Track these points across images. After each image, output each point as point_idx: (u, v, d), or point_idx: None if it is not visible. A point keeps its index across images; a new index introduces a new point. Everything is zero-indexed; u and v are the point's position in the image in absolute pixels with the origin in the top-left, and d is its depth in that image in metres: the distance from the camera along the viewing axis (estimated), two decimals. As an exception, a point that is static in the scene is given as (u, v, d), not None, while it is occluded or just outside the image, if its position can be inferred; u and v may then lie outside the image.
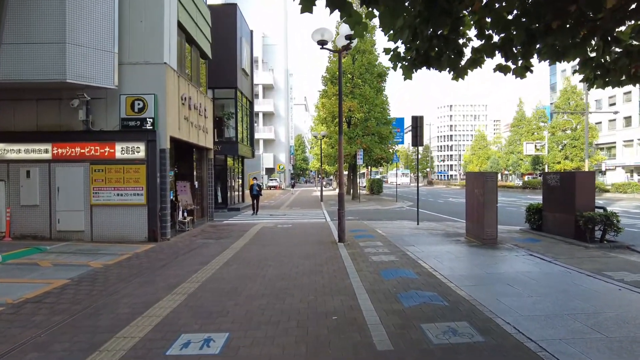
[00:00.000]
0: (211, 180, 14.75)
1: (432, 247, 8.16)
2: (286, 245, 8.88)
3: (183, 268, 6.82)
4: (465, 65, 4.76)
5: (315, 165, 58.47)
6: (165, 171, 10.02)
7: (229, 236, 10.69)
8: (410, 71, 4.93)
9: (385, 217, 16.06)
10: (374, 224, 12.94)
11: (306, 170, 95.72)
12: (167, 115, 10.01)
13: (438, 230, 10.72)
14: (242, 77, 22.08)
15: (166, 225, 10.03)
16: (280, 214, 18.25)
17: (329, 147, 27.26)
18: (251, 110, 24.72)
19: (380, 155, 24.83)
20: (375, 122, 24.92)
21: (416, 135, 12.21)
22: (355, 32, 3.60)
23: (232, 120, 21.12)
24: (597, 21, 3.56)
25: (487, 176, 8.13)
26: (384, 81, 26.19)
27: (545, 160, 54.66)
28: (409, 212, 18.66)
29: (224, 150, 20.58)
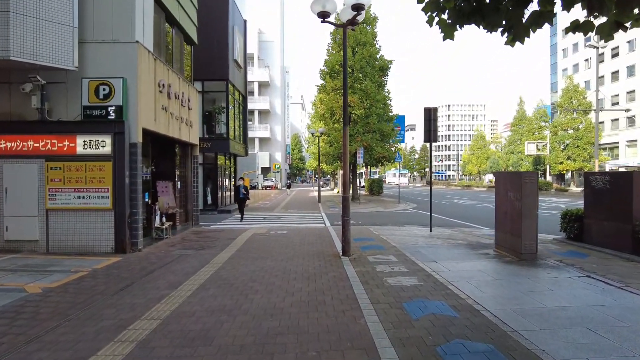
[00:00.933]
0: (196, 180, 13.17)
1: (458, 263, 6.65)
2: (279, 259, 7.34)
3: (145, 294, 5.26)
4: (528, 22, 3.26)
5: (313, 165, 56.91)
6: (136, 169, 8.45)
7: (213, 245, 9.13)
8: (452, 28, 3.46)
9: (391, 221, 14.56)
10: (381, 230, 11.42)
11: (303, 169, 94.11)
12: (139, 103, 8.43)
13: (457, 240, 9.21)
14: (235, 69, 20.51)
15: (137, 234, 8.45)
16: (275, 217, 16.69)
17: (328, 145, 25.71)
18: (244, 106, 23.14)
19: (382, 154, 23.34)
20: (377, 119, 23.42)
21: (430, 130, 10.71)
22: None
23: (223, 115, 19.54)
24: None
25: (526, 177, 6.63)
26: (385, 75, 24.69)
27: (547, 160, 53.45)
28: (415, 215, 17.17)
29: (214, 147, 19.00)
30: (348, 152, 7.35)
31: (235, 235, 10.69)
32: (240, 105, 22.36)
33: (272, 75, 61.60)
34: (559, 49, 68.39)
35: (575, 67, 63.18)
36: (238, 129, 22.00)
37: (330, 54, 24.51)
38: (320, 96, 24.97)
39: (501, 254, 7.25)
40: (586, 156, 49.52)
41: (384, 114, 23.81)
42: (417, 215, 17.21)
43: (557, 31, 69.39)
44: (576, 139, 50.13)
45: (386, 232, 10.97)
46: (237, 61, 20.61)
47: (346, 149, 7.73)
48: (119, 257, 7.75)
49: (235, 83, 20.53)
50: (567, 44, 66.11)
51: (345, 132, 7.71)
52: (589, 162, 49.04)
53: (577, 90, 51.35)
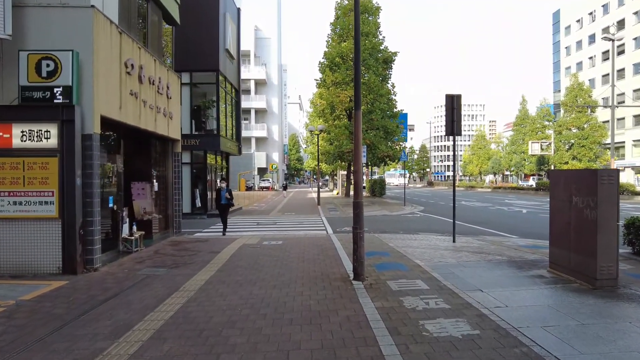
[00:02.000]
0: (179, 180, 11.41)
1: (512, 292, 4.93)
2: (271, 285, 5.60)
3: (70, 350, 3.51)
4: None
5: (311, 165, 55.16)
6: (92, 167, 6.69)
7: (190, 262, 7.37)
8: None
9: (401, 227, 12.83)
10: (393, 239, 9.70)
11: (300, 170, 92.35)
12: (96, 84, 6.68)
13: (492, 254, 7.48)
14: (226, 59, 18.76)
15: (93, 249, 6.69)
16: (270, 221, 14.93)
17: (327, 144, 23.99)
18: (238, 100, 21.39)
19: (386, 153, 21.64)
20: (380, 115, 21.73)
21: (453, 120, 8.99)
22: None
23: (214, 110, 17.77)
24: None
25: (603, 176, 4.91)
26: (389, 68, 23.03)
27: (551, 160, 51.95)
28: (425, 220, 15.44)
29: (203, 144, 17.24)
30: (361, 143, 5.60)
31: (220, 247, 8.93)
32: (233, 100, 20.60)
33: (269, 73, 59.88)
34: (562, 47, 66.96)
35: (579, 66, 61.74)
36: (230, 125, 20.24)
37: (330, 45, 22.82)
38: (320, 91, 23.28)
39: (561, 277, 5.53)
40: (592, 156, 48.05)
41: (388, 110, 22.12)
42: (428, 220, 15.50)
43: (559, 29, 68.05)
44: (582, 138, 48.64)
45: (401, 242, 9.24)
46: (229, 51, 18.86)
47: (359, 139, 5.98)
48: (65, 281, 5.98)
49: (227, 75, 18.78)
50: (570, 42, 64.71)
51: (358, 118, 5.96)
52: (595, 161, 47.62)
53: (582, 89, 49.87)
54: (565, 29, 66.18)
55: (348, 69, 22.10)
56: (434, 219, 15.63)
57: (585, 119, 48.31)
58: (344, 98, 21.10)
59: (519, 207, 20.21)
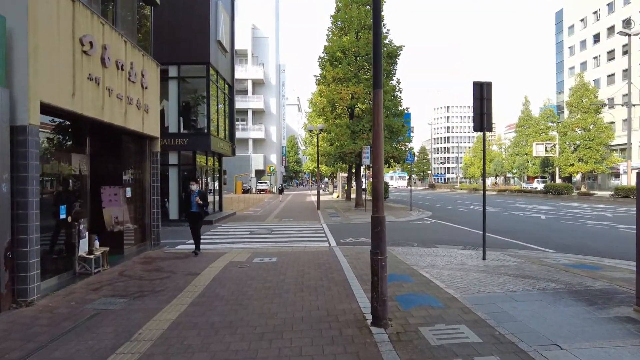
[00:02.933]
0: (157, 185, 9.85)
1: (607, 352, 3.38)
2: (258, 334, 4.03)
3: None
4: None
5: (310, 167, 53.60)
6: (27, 169, 5.13)
7: (160, 288, 5.81)
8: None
9: (414, 237, 11.28)
10: (410, 255, 8.15)
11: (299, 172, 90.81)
12: (33, 61, 5.13)
13: (541, 280, 5.92)
14: (218, 52, 17.23)
15: (28, 276, 5.12)
16: (265, 230, 13.35)
17: (327, 144, 22.45)
18: (232, 97, 19.85)
19: (391, 154, 20.09)
20: (385, 113, 20.19)
21: (482, 114, 7.46)
22: None
23: (204, 106, 16.21)
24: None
25: None
26: (394, 63, 21.49)
27: (556, 162, 50.55)
28: (438, 228, 13.89)
29: (192, 144, 15.67)
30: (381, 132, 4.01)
31: (201, 266, 7.36)
32: (226, 96, 19.06)
33: (267, 72, 58.41)
34: (565, 47, 65.76)
35: (584, 66, 60.47)
36: (223, 124, 18.69)
37: (331, 39, 21.30)
38: (320, 88, 21.75)
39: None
40: (598, 158, 46.70)
41: (393, 108, 20.59)
42: (441, 228, 13.96)
43: (563, 29, 66.84)
44: (587, 139, 47.28)
45: (420, 259, 7.69)
46: (221, 43, 17.33)
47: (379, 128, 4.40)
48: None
49: (219, 69, 17.23)
50: (574, 42, 63.50)
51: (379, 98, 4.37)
52: (602, 163, 46.29)
53: (588, 89, 48.55)
54: (569, 29, 64.99)
55: (350, 64, 20.58)
56: (448, 226, 14.09)
57: (591, 119, 46.97)
58: (345, 95, 19.58)
59: (534, 212, 18.70)
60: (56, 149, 6.63)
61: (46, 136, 6.24)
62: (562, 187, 32.24)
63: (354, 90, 19.56)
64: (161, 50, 15.78)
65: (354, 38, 20.36)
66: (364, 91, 19.53)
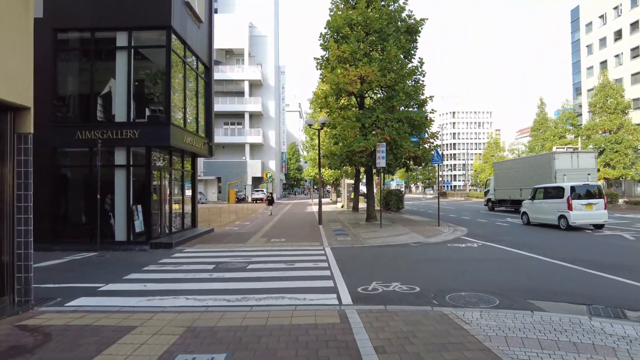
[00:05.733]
0: (28, 192, 5.48)
1: None
2: None
3: None
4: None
5: (311, 173, 49.21)
6: None
7: None
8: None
9: (474, 276, 6.85)
10: (502, 340, 3.72)
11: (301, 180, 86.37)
12: None
13: None
14: (187, 17, 13.01)
15: None
16: (239, 262, 8.89)
17: (331, 142, 18.12)
18: (209, 82, 15.57)
19: (413, 153, 15.69)
20: (405, 101, 15.89)
21: None
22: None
23: (162, 85, 11.92)
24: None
25: None
26: (414, 41, 17.25)
27: (579, 167, 45.96)
28: (496, 256, 9.40)
29: (145, 137, 11.35)
30: None
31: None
32: (199, 79, 14.77)
33: (265, 73, 54.44)
34: (582, 46, 61.61)
35: (604, 65, 56.20)
36: (194, 113, 14.38)
37: (336, 14, 17.06)
38: (323, 73, 17.45)
39: None
40: (627, 162, 42.17)
41: (414, 94, 16.26)
42: (503, 257, 9.50)
43: (579, 27, 62.82)
44: (614, 142, 42.83)
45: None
46: (190, 6, 13.11)
47: None
48: None
49: (188, 40, 12.99)
50: (592, 40, 59.34)
51: None
52: (631, 168, 41.85)
53: (613, 88, 44.25)
54: (586, 26, 60.90)
55: (359, 41, 16.31)
56: (513, 255, 9.62)
57: (618, 121, 42.56)
58: (353, 77, 15.28)
59: (607, 230, 14.19)
60: None
61: None
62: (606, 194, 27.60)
63: (364, 72, 15.26)
64: (105, 8, 11.60)
65: (363, 9, 16.11)
66: (378, 73, 15.22)
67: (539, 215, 15.74)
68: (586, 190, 14.30)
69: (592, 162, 20.56)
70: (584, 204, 13.86)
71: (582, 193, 14.09)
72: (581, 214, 13.82)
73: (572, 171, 19.51)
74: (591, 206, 13.90)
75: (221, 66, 51.60)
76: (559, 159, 19.88)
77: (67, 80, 12.34)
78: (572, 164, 19.80)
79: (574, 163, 19.83)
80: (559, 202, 13.59)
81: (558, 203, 13.58)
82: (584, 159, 20.09)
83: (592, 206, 13.90)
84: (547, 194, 15.34)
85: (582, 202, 13.87)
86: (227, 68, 51.65)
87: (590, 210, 13.90)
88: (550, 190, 15.38)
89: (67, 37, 12.00)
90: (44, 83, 11.49)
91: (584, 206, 13.85)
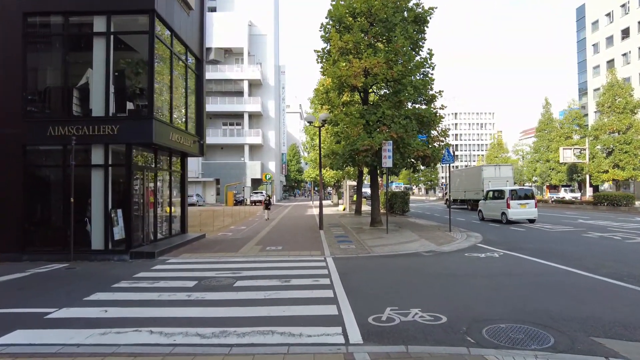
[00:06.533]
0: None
1: None
2: None
3: None
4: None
5: (311, 175, 47.95)
6: None
7: None
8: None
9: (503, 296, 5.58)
10: None
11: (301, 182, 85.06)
12: None
13: None
14: (173, 1, 11.79)
15: None
16: (227, 276, 7.61)
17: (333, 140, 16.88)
18: (200, 74, 14.36)
19: (422, 152, 14.42)
20: (414, 95, 14.65)
21: None
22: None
23: (144, 76, 10.69)
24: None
25: None
26: (422, 32, 16.02)
27: (587, 168, 44.70)
28: (524, 269, 8.11)
29: (125, 133, 10.12)
30: None
31: None
32: (189, 71, 13.55)
33: (265, 73, 53.29)
34: (588, 45, 60.39)
35: (610, 64, 54.98)
36: (182, 108, 13.15)
37: (338, 2, 15.83)
38: (326, 66, 16.19)
39: None
40: (637, 163, 40.92)
41: (423, 89, 15.01)
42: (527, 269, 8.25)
43: (585, 25, 61.61)
44: (624, 143, 41.56)
45: None
46: (179, -10, 11.91)
47: None
48: None
49: (175, 26, 11.78)
50: (598, 38, 58.13)
51: None
52: (640, 170, 40.60)
53: (622, 87, 42.98)
54: (592, 25, 59.69)
55: (363, 31, 15.09)
56: (535, 265, 8.36)
57: (627, 120, 41.28)
58: (357, 69, 14.05)
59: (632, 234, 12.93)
60: None
61: None
62: (620, 196, 26.35)
63: (369, 64, 14.03)
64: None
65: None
66: (384, 65, 13.98)
67: (489, 212, 19.02)
68: (523, 193, 18.05)
69: (510, 173, 26.93)
70: (519, 204, 17.40)
71: (519, 195, 17.73)
72: (517, 211, 17.36)
73: (494, 179, 25.65)
74: (525, 205, 17.41)
75: (220, 65, 50.49)
76: (486, 170, 26.94)
77: (39, 71, 11.12)
78: (495, 173, 26.34)
79: (496, 173, 26.41)
80: (501, 202, 15.79)
81: (501, 203, 15.64)
82: (504, 170, 26.80)
83: (525, 205, 17.41)
84: (494, 196, 18.73)
85: (518, 202, 17.41)
86: (225, 67, 50.53)
87: (524, 208, 17.40)
88: (496, 193, 18.79)
89: (39, 21, 10.78)
90: (13, 73, 10.31)
91: (520, 205, 17.39)
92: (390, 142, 13.63)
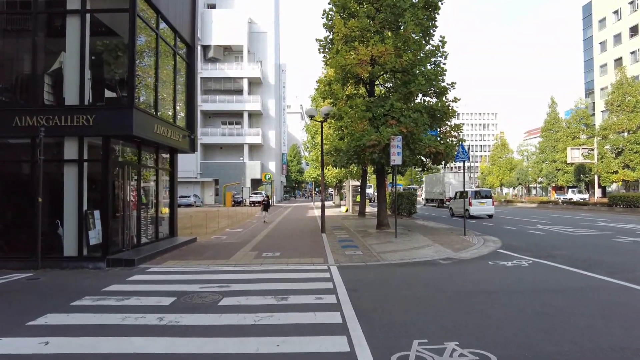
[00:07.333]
0: None
1: None
2: None
3: None
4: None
5: (312, 175, 46.67)
6: None
7: None
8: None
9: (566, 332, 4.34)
10: None
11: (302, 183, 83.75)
12: None
13: None
14: (160, -22, 10.55)
15: None
16: (211, 293, 6.31)
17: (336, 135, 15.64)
18: (191, 63, 13.12)
19: (435, 149, 13.14)
20: (425, 86, 13.39)
21: None
22: None
23: (122, 60, 9.45)
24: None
25: None
26: (433, 19, 14.77)
27: (595, 169, 43.40)
28: (567, 283, 6.83)
29: (100, 124, 8.87)
30: None
31: None
32: (179, 58, 12.32)
33: (265, 71, 52.08)
34: (595, 43, 59.07)
35: (618, 62, 53.63)
36: (171, 99, 11.91)
37: (341, -12, 14.57)
38: (329, 56, 14.95)
39: None
40: (649, 163, 39.61)
41: (435, 80, 13.75)
42: (575, 283, 6.99)
43: (591, 23, 60.33)
44: (635, 143, 40.28)
45: None
46: (166, -33, 10.67)
47: None
48: None
49: (160, 7, 10.55)
50: (605, 37, 56.79)
51: None
52: (652, 170, 39.31)
53: (632, 85, 41.68)
54: (599, 22, 58.35)
55: (370, 16, 13.86)
56: (576, 277, 7.10)
57: (637, 120, 39.99)
58: (364, 57, 12.80)
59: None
60: None
61: None
62: (638, 197, 25.04)
63: (376, 51, 12.78)
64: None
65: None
66: (393, 53, 12.73)
67: (457, 209, 22.46)
68: (484, 194, 22.43)
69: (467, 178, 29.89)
70: (479, 202, 21.64)
71: (481, 195, 22.11)
72: (477, 208, 21.53)
73: (454, 183, 32.67)
74: (484, 203, 21.60)
75: (219, 63, 49.34)
76: (447, 175, 35.08)
77: (3, 54, 9.88)
78: (455, 179, 33.71)
79: (455, 178, 33.69)
80: (465, 200, 16.83)
81: (465, 201, 16.57)
82: (461, 175, 28.82)
83: (484, 203, 21.60)
84: (461, 196, 21.53)
85: (478, 201, 21.66)
86: (225, 65, 49.37)
87: (483, 206, 21.56)
88: (461, 193, 21.22)
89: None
90: (-26, 56, 9.09)
91: (480, 203, 21.60)
92: (400, 138, 12.37)
